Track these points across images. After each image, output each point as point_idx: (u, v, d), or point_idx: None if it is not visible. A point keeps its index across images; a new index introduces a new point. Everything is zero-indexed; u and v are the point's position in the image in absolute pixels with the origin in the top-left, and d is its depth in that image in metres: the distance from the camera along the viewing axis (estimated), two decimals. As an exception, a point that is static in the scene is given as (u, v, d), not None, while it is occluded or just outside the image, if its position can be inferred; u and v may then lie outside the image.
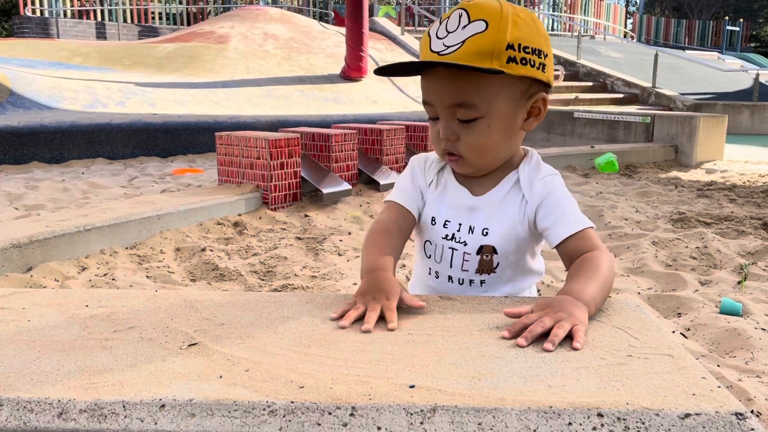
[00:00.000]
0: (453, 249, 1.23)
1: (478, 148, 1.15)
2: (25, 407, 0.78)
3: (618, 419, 0.74)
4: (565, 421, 0.74)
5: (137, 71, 9.01)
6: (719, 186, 5.29)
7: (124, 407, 0.77)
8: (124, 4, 15.49)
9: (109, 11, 15.33)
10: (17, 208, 4.26)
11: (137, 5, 15.75)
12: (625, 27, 24.44)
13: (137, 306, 1.10)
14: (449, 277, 1.25)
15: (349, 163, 4.67)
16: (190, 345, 0.93)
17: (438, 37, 1.10)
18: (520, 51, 1.07)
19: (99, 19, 15.07)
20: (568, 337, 0.93)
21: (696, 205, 4.50)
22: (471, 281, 1.24)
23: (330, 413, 0.76)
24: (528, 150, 1.26)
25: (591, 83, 12.29)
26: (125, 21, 15.35)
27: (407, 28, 14.20)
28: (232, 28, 11.19)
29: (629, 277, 2.91)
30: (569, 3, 21.14)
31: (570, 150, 6.39)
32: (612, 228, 3.75)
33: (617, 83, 12.28)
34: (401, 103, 9.33)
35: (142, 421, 0.76)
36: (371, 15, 12.93)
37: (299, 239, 3.52)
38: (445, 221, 1.23)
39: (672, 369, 0.85)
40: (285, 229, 3.72)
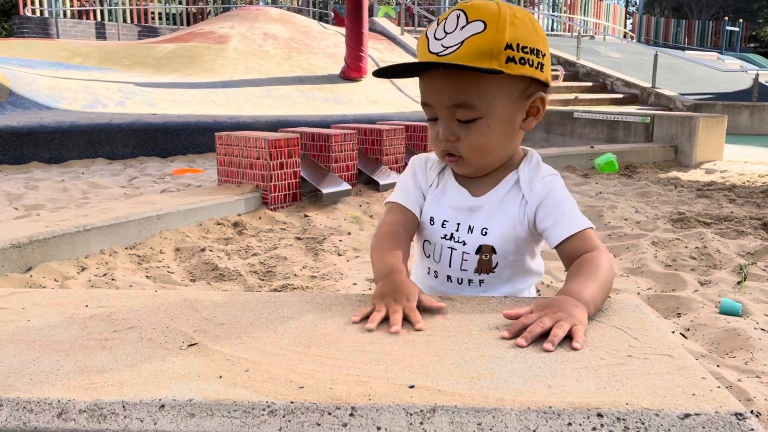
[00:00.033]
0: (452, 249, 1.23)
1: (478, 148, 1.15)
2: (25, 407, 0.78)
3: (618, 419, 0.74)
4: (565, 422, 0.74)
5: (137, 71, 9.01)
6: (719, 186, 5.29)
7: (123, 407, 0.77)
8: (123, 4, 15.49)
9: (109, 11, 15.33)
10: (17, 208, 4.26)
11: (137, 5, 15.75)
12: (625, 27, 24.45)
13: (137, 306, 1.10)
14: (448, 277, 1.25)
15: (349, 163, 4.67)
16: (189, 345, 0.93)
17: (436, 38, 1.10)
18: (518, 51, 1.07)
19: (99, 19, 15.07)
20: (567, 338, 0.93)
21: (696, 206, 4.50)
22: (470, 281, 1.24)
23: (330, 413, 0.76)
24: (528, 150, 1.26)
25: (591, 83, 12.29)
26: (125, 21, 15.35)
27: (407, 28, 14.20)
28: (231, 28, 11.18)
29: (629, 278, 2.91)
30: (569, 3, 21.14)
31: (570, 150, 6.39)
32: (612, 228, 3.75)
33: (617, 83, 12.28)
34: (401, 104, 9.33)
35: (141, 422, 0.76)
36: (371, 15, 12.94)
37: (299, 239, 3.52)
38: (444, 221, 1.23)
39: (672, 369, 0.85)
40: (285, 229, 3.72)
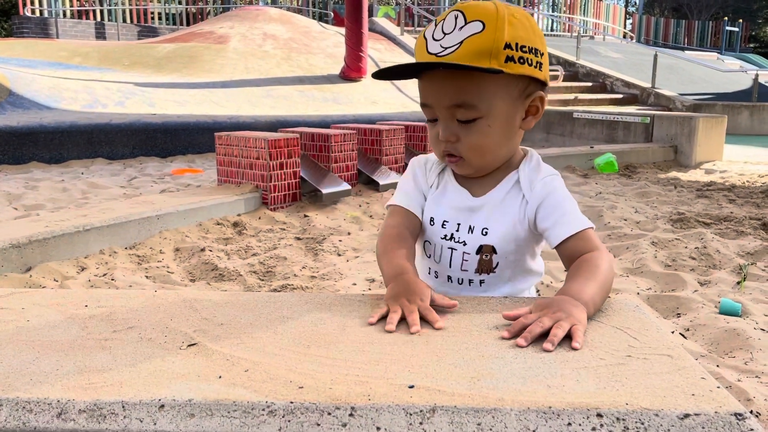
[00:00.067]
0: (452, 249, 1.23)
1: (478, 148, 1.15)
2: (25, 407, 0.78)
3: (617, 419, 0.74)
4: (565, 422, 0.74)
5: (136, 71, 9.00)
6: (718, 186, 5.30)
7: (123, 407, 0.77)
8: (123, 4, 15.49)
9: (109, 11, 15.32)
10: (16, 208, 4.25)
11: (137, 5, 15.75)
12: (625, 27, 24.46)
13: (136, 306, 1.10)
14: (448, 277, 1.25)
15: (349, 164, 4.67)
16: (189, 345, 0.93)
17: (434, 39, 1.09)
18: (517, 50, 1.07)
19: (98, 19, 15.07)
20: (567, 338, 0.93)
21: (695, 206, 4.50)
22: (470, 281, 1.24)
23: (329, 413, 0.76)
24: (528, 150, 1.26)
25: (590, 83, 12.30)
26: (125, 21, 15.35)
27: (407, 28, 14.21)
28: (231, 28, 11.18)
29: (628, 278, 2.91)
30: (568, 3, 21.14)
31: (569, 150, 6.39)
32: (611, 228, 3.75)
33: (616, 84, 12.28)
34: (401, 104, 9.33)
35: (141, 422, 0.76)
36: (371, 15, 12.95)
37: (299, 239, 3.51)
38: (444, 221, 1.23)
39: (671, 369, 0.85)
40: (284, 230, 3.72)
